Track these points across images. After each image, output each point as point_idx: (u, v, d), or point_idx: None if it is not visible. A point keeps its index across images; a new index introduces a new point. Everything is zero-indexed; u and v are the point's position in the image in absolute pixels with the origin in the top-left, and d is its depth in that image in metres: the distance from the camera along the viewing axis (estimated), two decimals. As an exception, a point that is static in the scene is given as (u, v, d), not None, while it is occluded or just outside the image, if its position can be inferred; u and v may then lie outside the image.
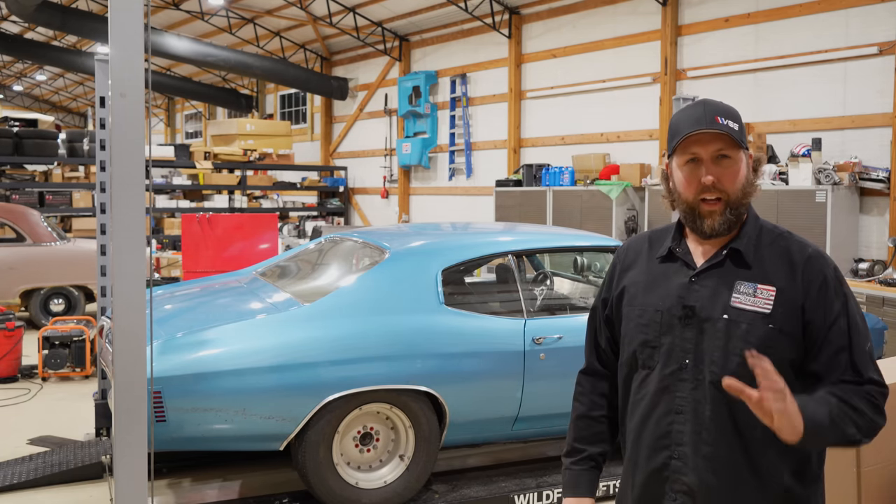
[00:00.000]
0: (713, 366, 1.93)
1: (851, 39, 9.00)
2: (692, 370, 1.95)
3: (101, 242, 5.69)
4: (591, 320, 2.25)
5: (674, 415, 1.97)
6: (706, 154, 1.95)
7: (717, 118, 1.95)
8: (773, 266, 1.95)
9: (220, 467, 5.21)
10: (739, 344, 1.90)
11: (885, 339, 5.75)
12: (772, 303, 1.91)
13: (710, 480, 1.93)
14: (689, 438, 1.95)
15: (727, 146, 1.96)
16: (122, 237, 2.85)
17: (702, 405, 1.94)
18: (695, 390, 1.95)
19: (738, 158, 1.97)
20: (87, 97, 30.50)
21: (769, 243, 1.99)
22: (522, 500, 4.74)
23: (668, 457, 1.97)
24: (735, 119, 1.98)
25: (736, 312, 1.92)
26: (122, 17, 2.78)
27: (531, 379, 4.60)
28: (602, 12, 11.99)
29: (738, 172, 1.97)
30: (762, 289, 1.93)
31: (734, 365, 1.90)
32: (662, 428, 1.98)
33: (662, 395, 1.99)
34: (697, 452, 1.94)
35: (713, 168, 1.95)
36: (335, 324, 4.37)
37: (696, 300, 1.97)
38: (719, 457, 1.92)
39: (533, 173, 12.01)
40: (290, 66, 17.15)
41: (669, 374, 1.98)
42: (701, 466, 1.93)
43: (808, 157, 8.63)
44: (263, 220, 8.87)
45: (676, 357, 1.97)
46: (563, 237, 5.70)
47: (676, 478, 1.97)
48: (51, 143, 13.72)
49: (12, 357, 7.61)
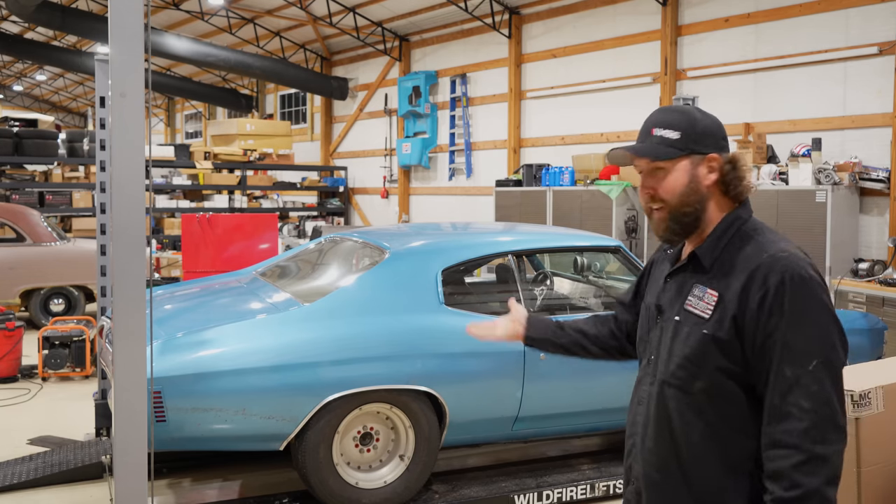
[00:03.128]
0: (661, 364, 2.02)
1: (851, 39, 9.00)
2: (653, 366, 2.05)
3: (101, 242, 5.69)
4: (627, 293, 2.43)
5: (638, 405, 2.10)
6: (642, 166, 2.03)
7: (652, 131, 1.99)
8: (728, 271, 1.92)
9: (220, 467, 5.21)
10: (679, 346, 1.96)
11: (885, 339, 5.74)
12: (712, 308, 1.91)
13: (649, 472, 2.03)
14: (641, 430, 2.07)
15: (657, 158, 1.99)
16: (122, 237, 2.85)
17: (652, 400, 2.03)
18: (651, 385, 2.05)
19: (671, 168, 1.97)
20: (87, 97, 30.50)
21: (732, 247, 1.95)
22: (522, 500, 4.74)
23: (632, 444, 2.11)
24: (676, 126, 1.96)
25: (685, 315, 1.97)
26: (122, 17, 2.78)
27: (531, 379, 4.60)
28: (602, 12, 11.99)
29: (674, 181, 1.97)
30: (709, 293, 1.94)
31: (674, 366, 1.96)
32: (631, 416, 2.12)
33: (638, 385, 2.12)
34: (644, 444, 2.05)
35: (649, 180, 2.02)
36: (335, 324, 4.37)
37: (664, 300, 2.07)
38: (657, 452, 2.01)
39: (533, 173, 12.01)
40: (290, 66, 17.15)
41: (643, 367, 2.12)
42: (644, 458, 2.04)
43: (808, 157, 8.63)
44: (263, 220, 8.88)
45: (648, 352, 2.10)
46: (563, 237, 5.70)
47: (631, 464, 2.11)
48: (51, 143, 13.71)
49: (12, 357, 7.61)
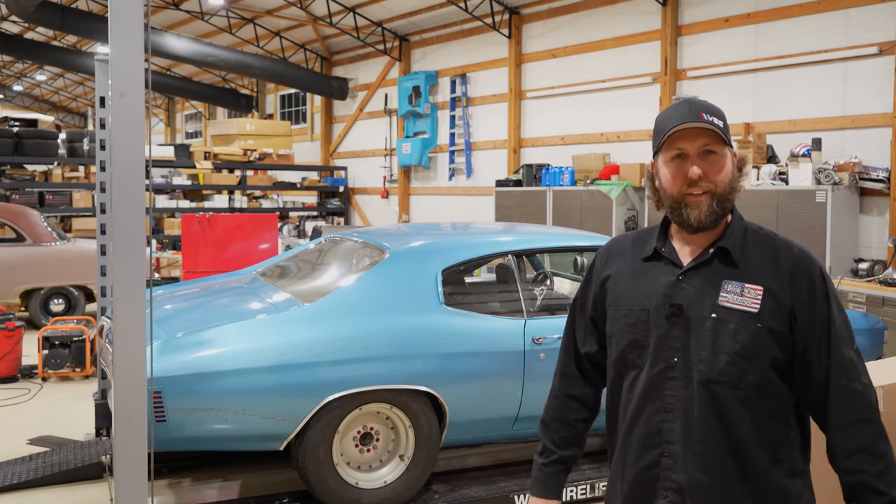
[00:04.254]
0: (701, 364, 1.94)
1: (851, 39, 9.00)
2: (681, 368, 1.97)
3: (101, 242, 5.69)
4: (570, 323, 2.26)
5: (664, 413, 1.98)
6: (693, 149, 1.98)
7: (702, 114, 1.97)
8: (759, 266, 1.97)
9: (220, 467, 5.21)
10: (728, 343, 1.92)
11: (885, 339, 5.74)
12: (759, 302, 1.93)
13: (699, 478, 1.94)
14: (680, 436, 1.96)
15: (713, 141, 1.98)
16: (122, 237, 2.85)
17: (691, 403, 1.95)
18: (684, 388, 1.96)
19: (723, 154, 1.99)
20: (87, 97, 30.50)
21: (755, 243, 2.01)
22: (522, 500, 4.74)
23: (659, 454, 1.98)
24: (720, 116, 2.00)
25: (724, 311, 1.94)
26: (122, 17, 2.78)
27: (531, 379, 4.60)
28: (602, 12, 11.99)
29: (724, 167, 1.99)
30: (749, 288, 1.94)
31: (722, 363, 1.92)
32: (652, 426, 1.99)
33: (652, 393, 2.00)
34: (687, 450, 1.95)
35: (699, 163, 1.97)
36: (335, 324, 4.37)
37: (684, 299, 1.98)
38: (708, 454, 1.93)
39: (533, 173, 12.01)
40: (290, 66, 17.15)
41: (658, 373, 1.99)
42: (690, 464, 1.95)
43: (808, 157, 8.63)
44: (263, 220, 8.87)
45: (664, 356, 1.98)
46: (563, 237, 5.70)
47: (667, 475, 1.98)
48: (51, 143, 13.71)
49: (12, 357, 7.61)
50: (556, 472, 2.20)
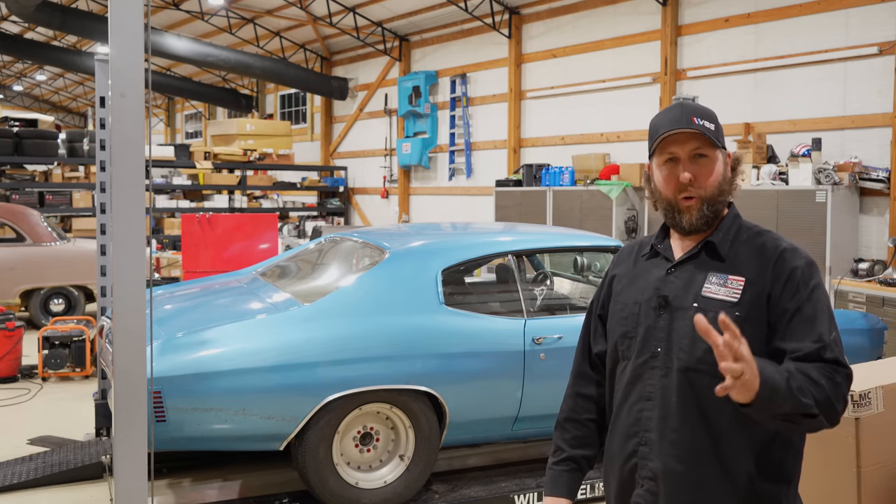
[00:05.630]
0: (681, 352, 1.97)
1: (851, 39, 9.00)
2: (663, 358, 2.00)
3: (101, 242, 5.69)
4: (586, 323, 2.31)
5: (643, 401, 2.02)
6: (683, 153, 2.01)
7: (692, 118, 2.00)
8: (746, 260, 2.00)
9: (220, 467, 5.21)
10: None
11: (885, 339, 5.74)
12: (740, 292, 1.95)
13: (674, 466, 1.96)
14: (656, 424, 1.99)
15: (703, 145, 2.01)
16: (122, 237, 2.85)
17: (669, 392, 1.98)
18: (664, 377, 1.99)
19: (714, 157, 2.02)
20: (87, 97, 30.49)
21: (745, 240, 2.05)
22: (522, 500, 4.74)
23: (637, 443, 2.02)
24: (711, 119, 2.03)
25: (705, 301, 1.97)
26: (122, 17, 2.78)
27: (531, 379, 4.60)
28: (602, 12, 11.99)
29: (715, 170, 2.02)
30: (732, 279, 1.98)
31: (700, 352, 1.94)
32: (633, 415, 2.03)
33: (635, 383, 2.04)
34: (663, 438, 1.97)
35: (690, 166, 2.01)
36: (335, 324, 4.37)
37: (671, 290, 2.03)
38: (684, 443, 1.95)
39: (533, 173, 12.01)
40: (290, 66, 17.15)
41: (642, 363, 2.03)
42: (666, 452, 1.97)
43: (808, 157, 8.63)
44: (263, 220, 8.88)
45: (650, 346, 2.03)
46: (563, 237, 5.70)
47: (644, 464, 2.01)
48: (51, 143, 13.72)
49: (12, 357, 7.61)
50: (567, 470, 2.20)
